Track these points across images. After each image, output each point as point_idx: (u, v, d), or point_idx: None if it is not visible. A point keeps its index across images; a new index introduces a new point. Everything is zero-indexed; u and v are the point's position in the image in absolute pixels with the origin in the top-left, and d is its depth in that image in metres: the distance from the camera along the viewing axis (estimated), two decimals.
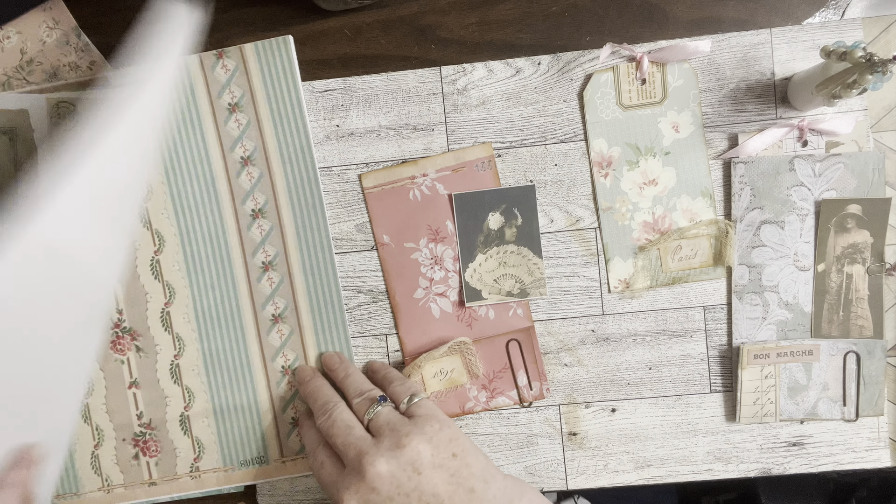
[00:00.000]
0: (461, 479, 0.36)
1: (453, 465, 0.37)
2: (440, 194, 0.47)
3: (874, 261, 0.46)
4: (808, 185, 0.45)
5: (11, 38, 0.46)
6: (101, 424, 0.46)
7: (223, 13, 0.47)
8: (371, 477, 0.35)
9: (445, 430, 0.38)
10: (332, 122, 0.47)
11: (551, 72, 0.46)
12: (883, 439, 0.47)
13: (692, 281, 0.47)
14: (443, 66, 0.46)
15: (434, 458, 0.36)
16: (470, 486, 0.36)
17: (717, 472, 0.48)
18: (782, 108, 0.46)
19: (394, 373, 0.44)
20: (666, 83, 0.46)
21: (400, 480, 0.35)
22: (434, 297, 0.47)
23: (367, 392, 0.41)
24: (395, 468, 0.35)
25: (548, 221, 0.47)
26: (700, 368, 0.47)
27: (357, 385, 0.42)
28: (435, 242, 0.47)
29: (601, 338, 0.47)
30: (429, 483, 0.36)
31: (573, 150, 0.47)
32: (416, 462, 0.36)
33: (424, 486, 0.35)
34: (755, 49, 0.46)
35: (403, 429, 0.37)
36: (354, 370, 0.44)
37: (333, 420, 0.39)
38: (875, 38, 0.45)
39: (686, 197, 0.46)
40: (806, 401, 0.46)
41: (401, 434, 0.37)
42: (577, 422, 0.48)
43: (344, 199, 0.47)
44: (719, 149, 0.46)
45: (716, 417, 0.48)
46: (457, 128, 0.47)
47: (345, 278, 0.47)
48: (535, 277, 0.47)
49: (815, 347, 0.46)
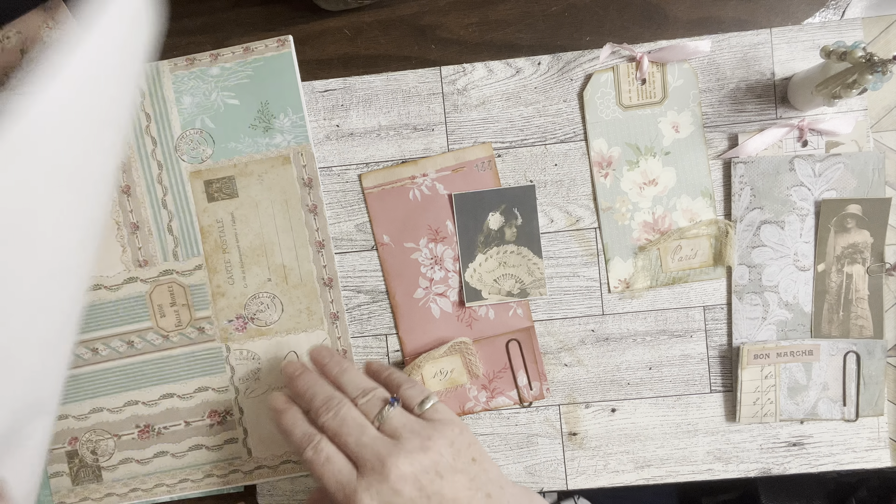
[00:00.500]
0: (480, 483, 0.36)
1: (473, 470, 0.37)
2: (440, 194, 0.47)
3: (874, 261, 0.46)
4: (808, 185, 0.45)
5: (11, 38, 0.46)
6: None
7: (223, 13, 0.47)
8: (395, 478, 0.35)
9: (465, 435, 0.38)
10: (332, 122, 0.47)
11: (551, 72, 0.46)
12: (883, 439, 0.47)
13: (692, 281, 0.47)
14: (443, 66, 0.46)
15: (455, 463, 0.36)
16: (487, 492, 0.36)
17: (717, 472, 0.48)
18: (782, 108, 0.46)
19: (400, 374, 0.42)
20: (666, 83, 0.46)
21: (423, 483, 0.35)
22: (434, 297, 0.47)
23: (372, 391, 0.39)
24: (419, 471, 0.35)
25: (548, 221, 0.47)
26: (700, 368, 0.47)
27: (358, 383, 0.40)
28: (435, 242, 0.47)
29: (601, 338, 0.47)
30: (451, 487, 0.35)
31: (573, 150, 0.47)
32: (440, 465, 0.35)
33: (446, 490, 0.35)
34: (755, 49, 0.46)
35: (425, 432, 0.37)
36: (350, 366, 0.42)
37: (343, 418, 0.37)
38: (875, 38, 0.45)
39: (686, 197, 0.46)
40: (806, 401, 0.46)
41: (423, 437, 0.36)
42: (577, 422, 0.48)
43: (344, 199, 0.47)
44: (719, 149, 0.46)
45: (716, 417, 0.48)
46: (457, 128, 0.47)
47: (345, 278, 0.47)
48: (535, 277, 0.47)
49: (815, 347, 0.46)
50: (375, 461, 0.35)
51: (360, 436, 0.37)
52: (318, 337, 0.46)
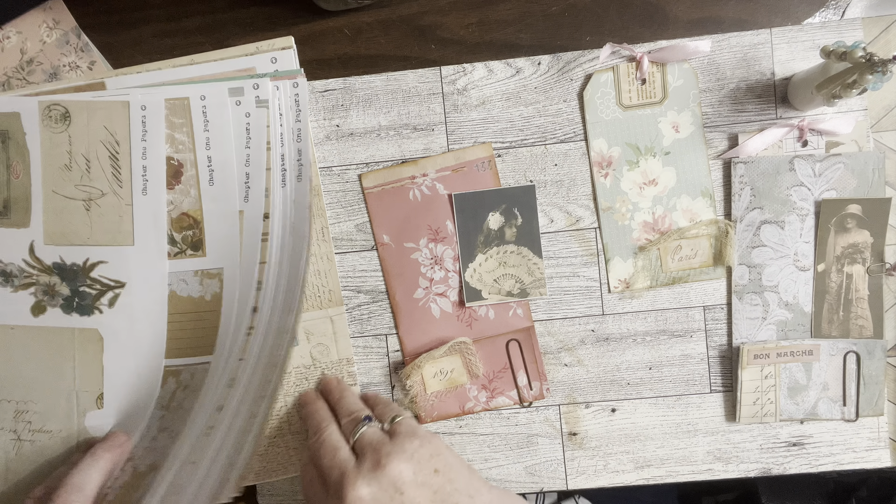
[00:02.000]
0: (445, 495, 0.36)
1: (436, 482, 0.37)
2: (440, 194, 0.47)
3: (874, 261, 0.46)
4: (808, 185, 0.45)
5: (11, 38, 0.46)
6: None
7: (223, 13, 0.47)
8: (351, 500, 0.35)
9: (426, 447, 0.38)
10: (332, 122, 0.47)
11: (551, 72, 0.46)
12: (883, 439, 0.47)
13: (692, 281, 0.47)
14: (443, 66, 0.46)
15: (416, 477, 0.36)
16: (454, 502, 0.36)
17: (717, 472, 0.48)
18: (782, 108, 0.46)
19: (382, 398, 0.45)
20: (666, 83, 0.46)
21: (382, 502, 0.35)
22: (434, 297, 0.47)
23: (355, 412, 0.41)
24: (377, 490, 0.35)
25: (548, 221, 0.47)
26: (700, 368, 0.47)
27: (347, 406, 0.43)
28: (435, 242, 0.47)
29: (601, 338, 0.47)
30: (412, 502, 0.36)
31: (573, 150, 0.47)
32: (398, 482, 0.36)
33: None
34: (755, 49, 0.46)
35: (384, 448, 0.37)
36: (349, 393, 0.45)
37: (322, 441, 0.39)
38: (875, 38, 0.45)
39: (686, 197, 0.46)
40: (806, 401, 0.46)
41: (381, 454, 0.37)
42: (577, 422, 0.48)
43: (344, 199, 0.47)
44: (719, 149, 0.46)
45: (716, 417, 0.48)
46: (457, 128, 0.47)
47: (345, 278, 0.47)
48: (535, 277, 0.47)
49: (815, 347, 0.46)
50: (337, 483, 0.37)
51: (332, 458, 0.38)
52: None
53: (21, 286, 0.45)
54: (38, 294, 0.45)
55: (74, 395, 0.45)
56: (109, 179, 0.44)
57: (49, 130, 0.44)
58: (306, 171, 0.45)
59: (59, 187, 0.44)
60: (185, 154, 0.45)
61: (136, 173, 0.44)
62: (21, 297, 0.45)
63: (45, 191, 0.44)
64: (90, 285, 0.45)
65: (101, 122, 0.44)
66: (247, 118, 0.45)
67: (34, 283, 0.45)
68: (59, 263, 0.45)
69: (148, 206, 0.45)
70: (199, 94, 0.44)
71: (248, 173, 0.45)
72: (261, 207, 0.45)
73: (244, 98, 0.44)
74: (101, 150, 0.44)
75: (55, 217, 0.44)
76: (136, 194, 0.44)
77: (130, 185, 0.44)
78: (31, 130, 0.44)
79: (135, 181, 0.44)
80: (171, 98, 0.44)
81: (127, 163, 0.44)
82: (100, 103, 0.44)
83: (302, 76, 0.45)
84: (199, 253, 0.45)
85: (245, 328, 0.44)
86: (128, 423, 0.44)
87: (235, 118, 0.45)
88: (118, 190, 0.44)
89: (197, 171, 0.45)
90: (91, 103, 0.44)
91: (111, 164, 0.44)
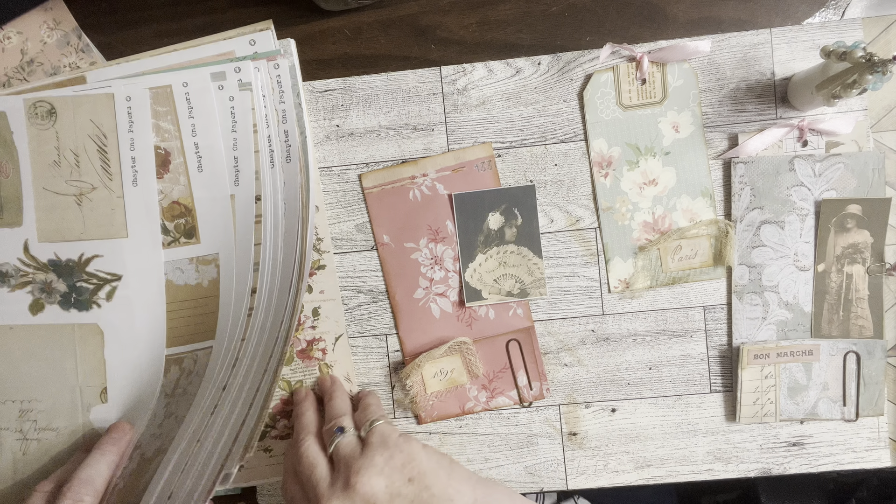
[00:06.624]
0: (422, 502, 0.36)
1: (411, 491, 0.36)
2: (440, 194, 0.47)
3: (874, 261, 0.46)
4: (808, 185, 0.45)
5: (12, 38, 0.46)
6: None
7: (223, 13, 0.47)
8: None
9: (398, 456, 0.37)
10: (332, 122, 0.47)
11: (551, 72, 0.46)
12: (883, 439, 0.47)
13: (692, 281, 0.47)
14: (443, 66, 0.46)
15: (389, 489, 0.36)
16: None
17: (717, 472, 0.48)
18: (782, 108, 0.46)
19: (370, 398, 0.44)
20: (666, 83, 0.46)
21: None
22: (434, 297, 0.47)
23: (334, 420, 0.41)
24: None
25: (548, 221, 0.47)
26: (700, 368, 0.47)
27: (332, 409, 0.43)
28: (435, 242, 0.47)
29: (601, 338, 0.47)
30: None
31: (573, 150, 0.47)
32: (371, 498, 0.35)
33: None
34: (755, 49, 0.46)
35: (354, 465, 0.37)
36: (339, 394, 0.44)
37: (301, 454, 0.39)
38: (875, 38, 0.45)
39: (686, 197, 0.46)
40: (806, 401, 0.46)
41: (351, 471, 0.36)
42: (577, 422, 0.48)
43: (344, 199, 0.47)
44: (719, 149, 0.46)
45: (716, 417, 0.48)
46: (457, 128, 0.47)
47: (345, 278, 0.47)
48: (535, 277, 0.47)
49: (815, 347, 0.46)
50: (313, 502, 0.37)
51: (310, 475, 0.38)
52: None
53: (18, 285, 0.45)
54: (35, 292, 0.45)
55: (78, 391, 0.45)
56: (99, 173, 0.44)
57: (36, 127, 0.44)
58: (295, 152, 0.45)
59: (50, 184, 0.44)
60: (172, 142, 0.44)
61: (126, 165, 0.44)
62: (18, 297, 0.45)
63: (35, 188, 0.44)
64: (87, 280, 0.45)
65: (87, 116, 0.44)
66: (231, 102, 0.44)
67: (31, 281, 0.45)
68: (54, 260, 0.45)
69: (139, 197, 0.44)
70: (182, 81, 0.44)
71: (237, 157, 0.45)
72: (252, 190, 0.45)
73: (226, 82, 0.44)
74: (88, 143, 0.44)
75: (47, 214, 0.44)
76: (127, 186, 0.44)
77: (120, 177, 0.44)
78: (17, 129, 0.44)
79: (124, 173, 0.44)
80: (154, 86, 0.44)
81: (115, 155, 0.44)
82: (85, 97, 0.44)
83: (282, 56, 0.44)
84: (193, 240, 0.45)
85: (245, 310, 0.44)
86: (133, 415, 0.44)
87: (219, 103, 0.44)
88: (108, 183, 0.44)
89: (185, 159, 0.45)
90: (76, 98, 0.44)
91: (100, 158, 0.44)
